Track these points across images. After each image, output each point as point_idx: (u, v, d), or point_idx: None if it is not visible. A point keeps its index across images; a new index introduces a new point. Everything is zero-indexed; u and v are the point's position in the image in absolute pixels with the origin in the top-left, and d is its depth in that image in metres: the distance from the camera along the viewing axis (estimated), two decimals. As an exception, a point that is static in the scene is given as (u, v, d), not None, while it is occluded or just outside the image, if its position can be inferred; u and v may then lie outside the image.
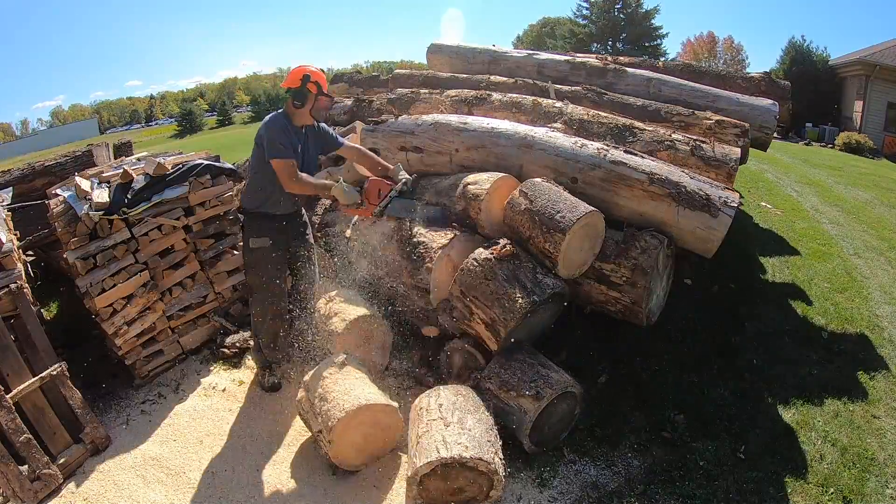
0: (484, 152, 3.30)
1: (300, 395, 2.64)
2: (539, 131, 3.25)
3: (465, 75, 5.13)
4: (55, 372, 2.66)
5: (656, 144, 3.22)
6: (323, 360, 2.77)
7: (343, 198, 2.73)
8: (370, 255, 3.37)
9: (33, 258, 4.44)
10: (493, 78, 4.82)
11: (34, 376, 2.62)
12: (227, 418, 2.90)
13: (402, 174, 2.93)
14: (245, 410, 2.96)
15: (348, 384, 2.50)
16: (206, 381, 3.20)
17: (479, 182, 3.07)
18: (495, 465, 2.13)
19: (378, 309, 3.17)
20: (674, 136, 3.25)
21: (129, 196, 3.11)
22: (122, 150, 5.34)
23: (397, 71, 6.11)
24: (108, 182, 3.19)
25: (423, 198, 3.47)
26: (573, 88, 4.21)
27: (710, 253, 2.85)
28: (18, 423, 2.44)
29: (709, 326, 3.36)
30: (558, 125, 3.40)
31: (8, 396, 2.47)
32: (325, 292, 3.35)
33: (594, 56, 5.18)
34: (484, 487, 2.18)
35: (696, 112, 3.68)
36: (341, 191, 2.71)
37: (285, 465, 2.58)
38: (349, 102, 5.68)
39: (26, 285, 2.91)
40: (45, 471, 2.42)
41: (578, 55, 5.15)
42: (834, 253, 4.75)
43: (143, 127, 57.44)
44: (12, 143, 46.36)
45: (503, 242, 2.74)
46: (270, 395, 3.09)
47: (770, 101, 4.07)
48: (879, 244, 5.10)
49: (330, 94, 2.83)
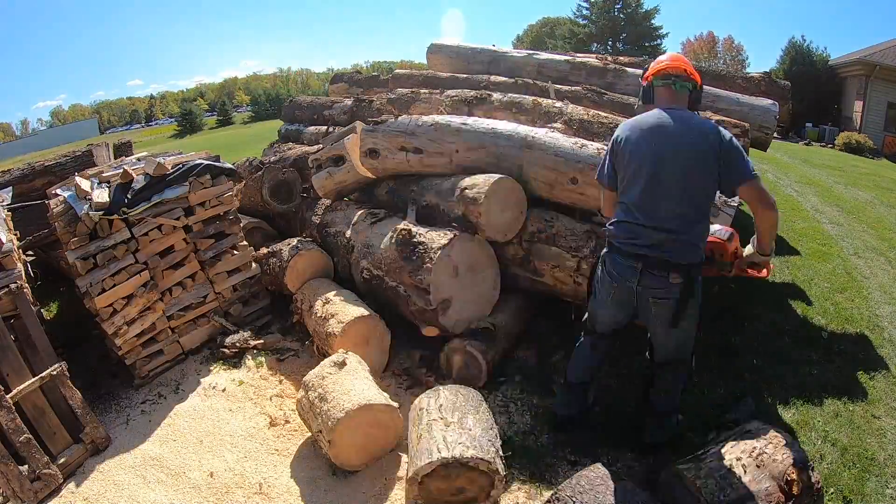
0: (484, 153, 3.30)
1: (300, 394, 2.64)
2: (539, 132, 3.25)
3: (465, 75, 5.14)
4: (55, 372, 2.66)
5: (656, 144, 3.21)
6: (323, 360, 2.77)
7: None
8: (370, 255, 3.37)
9: (33, 258, 4.45)
10: (493, 78, 4.83)
11: (34, 376, 2.61)
12: (227, 418, 2.90)
13: None
14: (245, 410, 2.96)
15: (348, 384, 2.50)
16: (205, 381, 3.20)
17: (477, 186, 3.08)
18: (496, 464, 2.13)
19: (377, 309, 3.16)
20: (674, 136, 3.25)
21: (129, 196, 3.11)
22: (122, 150, 5.34)
23: (397, 71, 6.12)
24: (108, 182, 3.19)
25: (424, 199, 3.47)
26: (573, 88, 4.21)
27: (711, 253, 2.85)
28: (18, 423, 2.44)
29: (709, 326, 3.36)
30: (558, 125, 3.40)
31: (8, 396, 2.47)
32: (324, 292, 3.36)
33: (594, 56, 5.19)
34: (485, 487, 2.18)
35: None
36: None
37: (285, 465, 2.57)
38: (349, 102, 5.70)
39: (26, 285, 2.91)
40: (45, 471, 2.42)
41: (578, 55, 5.16)
42: (834, 253, 4.75)
43: (143, 127, 57.49)
44: (12, 143, 46.42)
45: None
46: (270, 395, 3.08)
47: (770, 101, 4.07)
48: (879, 244, 5.10)
49: None
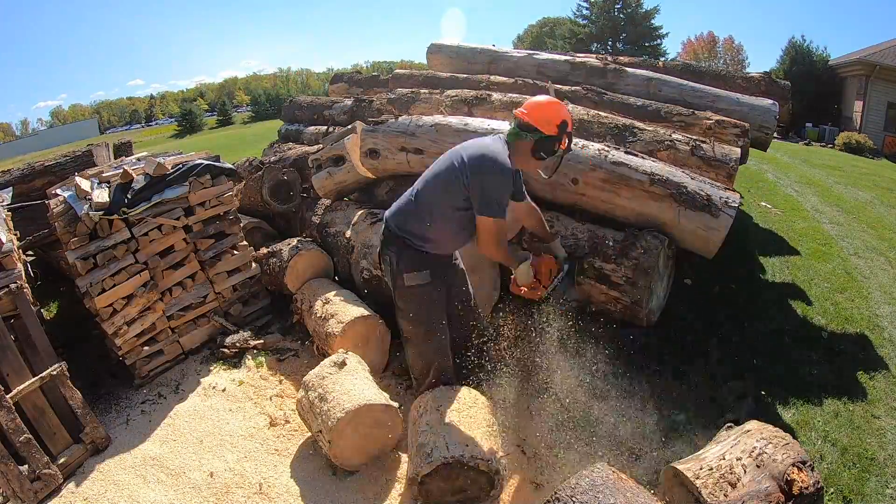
0: (484, 152, 3.28)
1: (300, 394, 2.64)
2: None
3: (465, 75, 5.14)
4: (55, 372, 2.66)
5: (656, 144, 3.22)
6: (323, 360, 2.77)
7: (522, 278, 2.40)
8: (370, 255, 3.37)
9: (33, 258, 4.45)
10: (492, 78, 4.82)
11: (34, 376, 2.61)
12: (227, 418, 2.90)
13: (560, 249, 2.62)
14: (245, 410, 2.96)
15: (348, 384, 2.50)
16: (205, 381, 3.20)
17: None
18: (496, 464, 2.13)
19: (377, 309, 3.16)
20: (674, 136, 3.25)
21: (129, 196, 3.11)
22: (122, 150, 5.34)
23: (397, 71, 6.11)
24: (108, 182, 3.19)
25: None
26: (573, 88, 4.21)
27: (711, 254, 2.85)
28: (18, 423, 2.44)
29: (709, 326, 3.36)
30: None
31: (8, 396, 2.47)
32: (324, 292, 3.36)
33: (594, 56, 5.19)
34: (485, 487, 2.18)
35: (696, 112, 3.68)
36: (525, 272, 2.38)
37: (285, 465, 2.57)
38: (349, 102, 5.70)
39: (26, 285, 2.91)
40: (45, 471, 2.42)
41: (578, 55, 5.16)
42: (834, 253, 4.75)
43: (143, 127, 57.45)
44: (12, 143, 46.40)
45: None
46: (270, 395, 3.08)
47: (770, 101, 4.07)
48: (879, 244, 5.10)
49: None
